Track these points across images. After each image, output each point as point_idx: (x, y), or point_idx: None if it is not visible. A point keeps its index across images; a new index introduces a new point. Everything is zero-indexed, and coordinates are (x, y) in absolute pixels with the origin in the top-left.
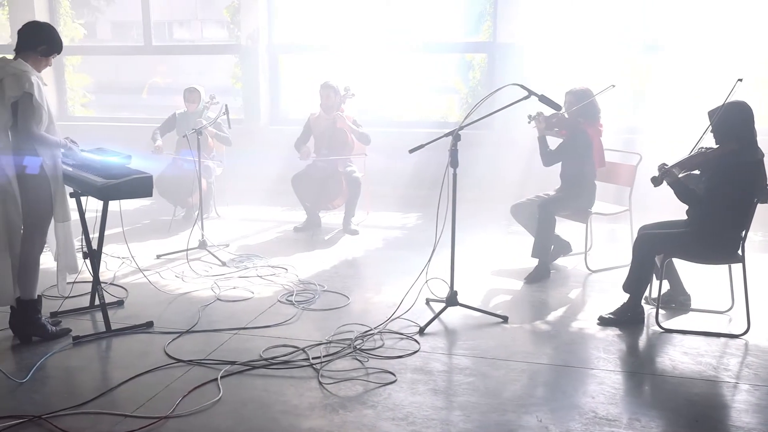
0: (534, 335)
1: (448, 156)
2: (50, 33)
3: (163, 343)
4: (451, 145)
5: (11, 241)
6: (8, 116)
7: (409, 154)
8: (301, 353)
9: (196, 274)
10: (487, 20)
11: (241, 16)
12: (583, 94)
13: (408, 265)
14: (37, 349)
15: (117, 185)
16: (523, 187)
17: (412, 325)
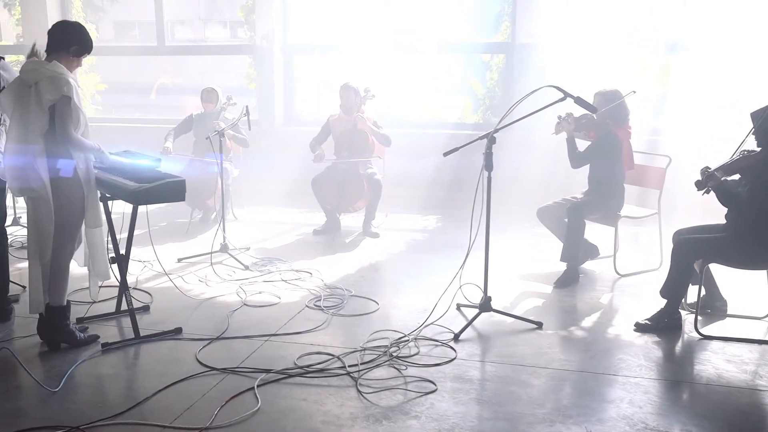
0: (570, 342)
1: (483, 159)
2: (81, 32)
3: (193, 350)
4: (486, 148)
5: (42, 249)
6: (46, 120)
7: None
8: (336, 361)
9: (220, 278)
10: (505, 21)
11: (255, 17)
12: (612, 96)
13: (432, 268)
14: (66, 356)
15: (150, 189)
16: (544, 190)
17: (446, 331)
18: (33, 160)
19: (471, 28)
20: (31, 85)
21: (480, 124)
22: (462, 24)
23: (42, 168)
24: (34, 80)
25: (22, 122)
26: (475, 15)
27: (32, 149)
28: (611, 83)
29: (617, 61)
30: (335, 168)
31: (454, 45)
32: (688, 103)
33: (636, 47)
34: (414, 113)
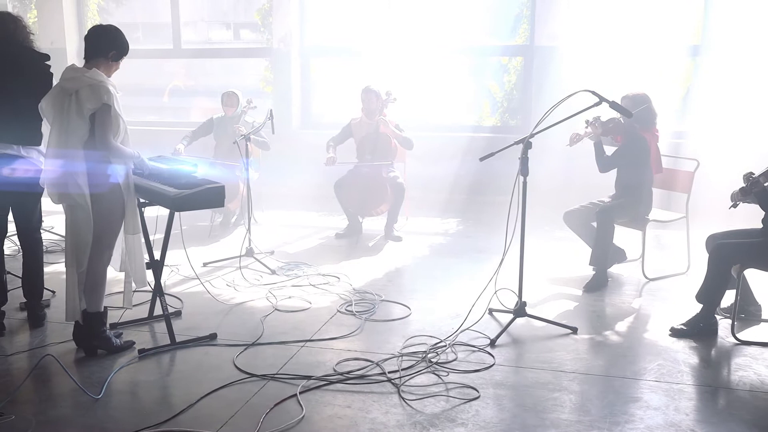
0: (607, 347)
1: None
2: (118, 36)
3: (229, 356)
4: (522, 153)
5: (78, 256)
6: (86, 128)
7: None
8: (375, 367)
9: (249, 283)
10: (524, 23)
11: (272, 20)
12: (640, 100)
13: (459, 272)
14: (103, 362)
15: (190, 196)
16: (562, 193)
17: (480, 336)
18: (73, 168)
19: (489, 30)
20: (72, 93)
21: (498, 127)
22: (480, 26)
23: (82, 176)
24: (75, 88)
25: (62, 130)
26: (493, 18)
27: (72, 157)
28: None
29: (638, 63)
30: (358, 172)
31: (472, 47)
32: (713, 105)
33: (658, 49)
34: (432, 116)
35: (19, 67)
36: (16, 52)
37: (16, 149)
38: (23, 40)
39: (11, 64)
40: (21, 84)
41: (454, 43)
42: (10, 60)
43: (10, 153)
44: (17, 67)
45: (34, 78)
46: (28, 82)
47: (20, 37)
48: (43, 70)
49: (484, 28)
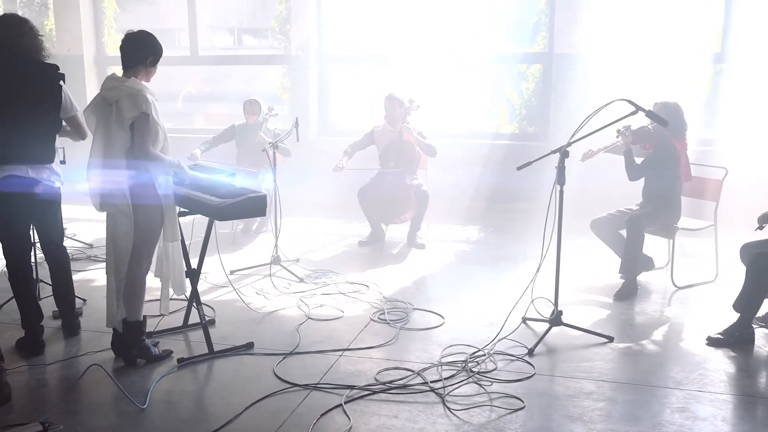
0: (645, 356)
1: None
2: (153, 42)
3: (268, 365)
4: (559, 162)
5: (118, 264)
6: (127, 137)
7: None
8: (417, 376)
9: (278, 291)
10: (543, 31)
11: (290, 27)
12: (673, 108)
13: (488, 280)
14: (142, 371)
15: (233, 205)
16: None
17: (516, 345)
18: (116, 176)
19: (508, 38)
20: (112, 103)
21: (516, 134)
22: (499, 34)
23: (124, 184)
24: (115, 98)
25: (104, 139)
26: (512, 25)
27: (115, 166)
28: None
29: (659, 71)
30: (382, 179)
31: (490, 55)
32: (740, 113)
33: (678, 56)
34: (450, 123)
35: (26, 81)
36: (23, 63)
37: (24, 169)
38: (30, 49)
39: (17, 79)
40: (28, 99)
41: (473, 51)
42: (15, 74)
43: (18, 174)
44: (23, 81)
45: (43, 92)
46: (35, 96)
47: (27, 45)
48: (51, 83)
49: (502, 36)
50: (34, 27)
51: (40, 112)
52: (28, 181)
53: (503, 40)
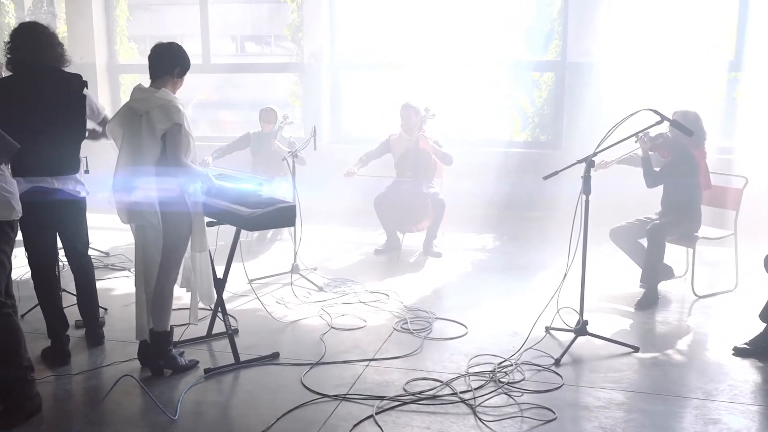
0: (673, 367)
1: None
2: (181, 53)
3: (295, 375)
4: (585, 172)
5: (147, 277)
6: (158, 148)
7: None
8: (445, 387)
9: (299, 300)
10: (556, 39)
11: (302, 35)
12: (692, 117)
13: (508, 289)
14: (169, 382)
15: (263, 215)
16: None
17: (542, 355)
18: (145, 187)
19: (521, 46)
20: (142, 114)
21: (529, 143)
22: (512, 42)
23: (153, 196)
24: (145, 109)
25: (132, 151)
26: (525, 34)
27: (144, 177)
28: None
29: (674, 79)
30: (398, 187)
31: (504, 63)
32: (760, 121)
33: (694, 64)
34: (463, 131)
35: (50, 92)
36: (47, 74)
37: (49, 181)
38: (54, 59)
39: (41, 90)
40: (52, 110)
41: (485, 59)
42: (40, 85)
43: (43, 186)
44: (48, 93)
45: (68, 102)
46: (60, 107)
47: (50, 55)
48: (75, 93)
49: (515, 44)
50: (56, 36)
51: (65, 122)
52: (53, 192)
53: (516, 48)
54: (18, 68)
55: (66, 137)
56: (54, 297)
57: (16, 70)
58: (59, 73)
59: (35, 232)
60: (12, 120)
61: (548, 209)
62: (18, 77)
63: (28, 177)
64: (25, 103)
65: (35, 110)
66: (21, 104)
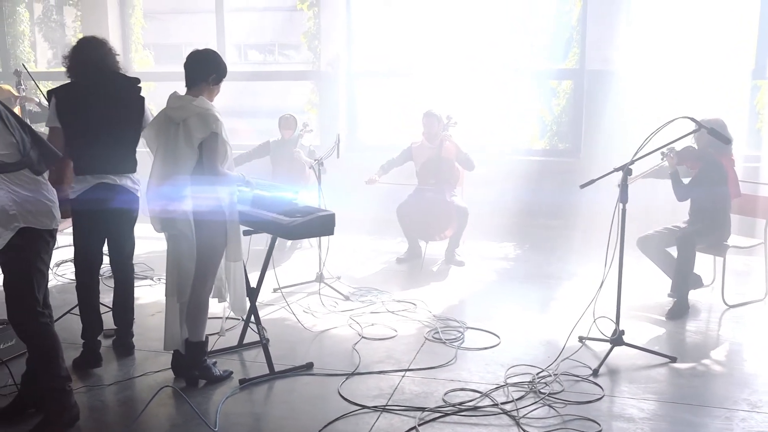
0: (713, 377)
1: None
2: (215, 59)
3: (331, 386)
4: (621, 181)
5: (181, 287)
6: (195, 157)
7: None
8: (484, 398)
9: (327, 309)
10: (574, 47)
11: (320, 42)
12: (719, 125)
13: (537, 298)
14: (204, 392)
15: (304, 224)
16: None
17: (578, 365)
18: (180, 195)
19: (539, 54)
20: (179, 123)
21: (547, 150)
22: (530, 50)
23: (188, 204)
24: (182, 117)
25: (168, 159)
26: (544, 41)
27: (179, 186)
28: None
29: (697, 87)
30: (421, 196)
31: (522, 70)
32: None
33: (716, 72)
34: (481, 139)
35: (113, 95)
36: (109, 78)
37: (112, 178)
38: (113, 65)
39: (105, 92)
40: (116, 112)
41: (503, 67)
42: (104, 87)
43: (107, 182)
44: (111, 95)
45: (129, 105)
46: (122, 109)
47: (110, 62)
48: (136, 96)
49: (534, 52)
50: (112, 46)
51: (127, 123)
52: (117, 188)
53: (534, 56)
54: (82, 73)
55: (126, 138)
56: (96, 297)
57: (81, 76)
58: (121, 77)
59: (90, 227)
60: (79, 121)
61: (567, 217)
62: (83, 82)
63: (95, 174)
64: (92, 105)
65: (101, 112)
66: (88, 106)
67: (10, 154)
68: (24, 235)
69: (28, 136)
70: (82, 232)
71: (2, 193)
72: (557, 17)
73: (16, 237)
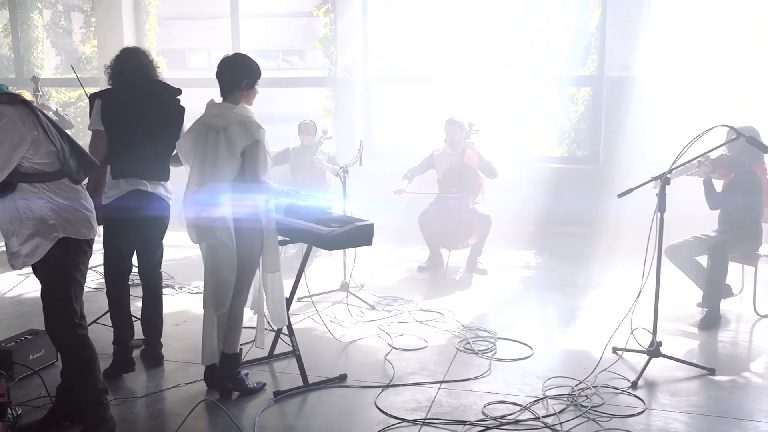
0: (755, 390)
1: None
2: (245, 63)
3: (367, 398)
4: (660, 190)
5: (220, 298)
6: (238, 165)
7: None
8: (524, 411)
9: (354, 318)
10: (593, 54)
11: (334, 49)
12: (750, 133)
13: (563, 308)
14: (239, 405)
15: (343, 234)
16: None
17: (615, 377)
18: (220, 205)
19: (557, 60)
20: (219, 131)
21: (565, 158)
22: (548, 56)
23: (228, 213)
24: (223, 125)
25: (207, 168)
26: (562, 48)
27: (220, 195)
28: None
29: (724, 93)
30: (444, 204)
31: (540, 77)
32: None
33: (739, 78)
34: (499, 146)
35: (155, 103)
36: (151, 86)
37: (146, 185)
38: (154, 75)
39: (147, 100)
40: (156, 119)
41: (521, 73)
42: (146, 95)
43: (142, 189)
44: (153, 103)
45: (169, 114)
46: (162, 117)
47: (152, 72)
48: (176, 106)
49: (552, 59)
50: (153, 58)
51: (166, 131)
52: (151, 196)
53: (552, 62)
54: (126, 81)
55: (163, 145)
56: (127, 303)
57: (124, 83)
58: (163, 86)
59: (122, 234)
60: (121, 126)
61: (586, 225)
62: (126, 88)
63: (129, 179)
64: (134, 111)
65: (142, 118)
66: (130, 112)
67: (51, 163)
68: (63, 245)
69: (67, 144)
70: (114, 239)
71: (41, 202)
72: (575, 24)
73: (56, 247)
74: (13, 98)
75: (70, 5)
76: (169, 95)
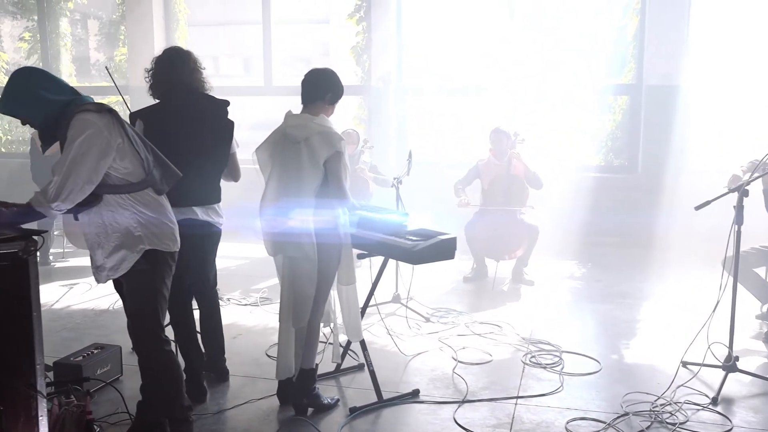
0: None
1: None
2: (333, 79)
3: (444, 415)
4: (738, 202)
5: (299, 312)
6: (321, 176)
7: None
8: (609, 428)
9: (413, 331)
10: (630, 62)
11: (367, 57)
12: None
13: (625, 319)
14: (315, 421)
15: (428, 248)
16: (710, 237)
17: (693, 393)
18: (304, 217)
19: (594, 70)
20: (300, 141)
21: (602, 167)
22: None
23: (311, 226)
24: (304, 136)
25: (285, 179)
26: (598, 57)
27: (303, 206)
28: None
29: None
30: (491, 215)
31: (578, 87)
32: None
33: None
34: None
35: (202, 120)
36: (197, 100)
37: (196, 212)
38: (200, 85)
39: (194, 116)
40: (204, 138)
41: (558, 83)
42: (192, 110)
43: (191, 218)
44: (199, 119)
45: (217, 130)
46: (211, 136)
47: (197, 81)
48: (225, 120)
49: (589, 68)
50: (197, 59)
51: (216, 150)
52: (203, 226)
53: (589, 71)
54: (168, 92)
55: (213, 166)
56: (194, 332)
57: (166, 96)
58: (209, 99)
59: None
60: (166, 149)
61: (622, 235)
62: (169, 103)
63: (179, 207)
64: (179, 131)
65: (188, 138)
66: (174, 132)
67: (135, 173)
68: (149, 257)
69: (150, 154)
70: None
71: (128, 213)
72: (612, 32)
73: (142, 260)
74: (100, 107)
75: (87, 13)
76: (216, 109)
